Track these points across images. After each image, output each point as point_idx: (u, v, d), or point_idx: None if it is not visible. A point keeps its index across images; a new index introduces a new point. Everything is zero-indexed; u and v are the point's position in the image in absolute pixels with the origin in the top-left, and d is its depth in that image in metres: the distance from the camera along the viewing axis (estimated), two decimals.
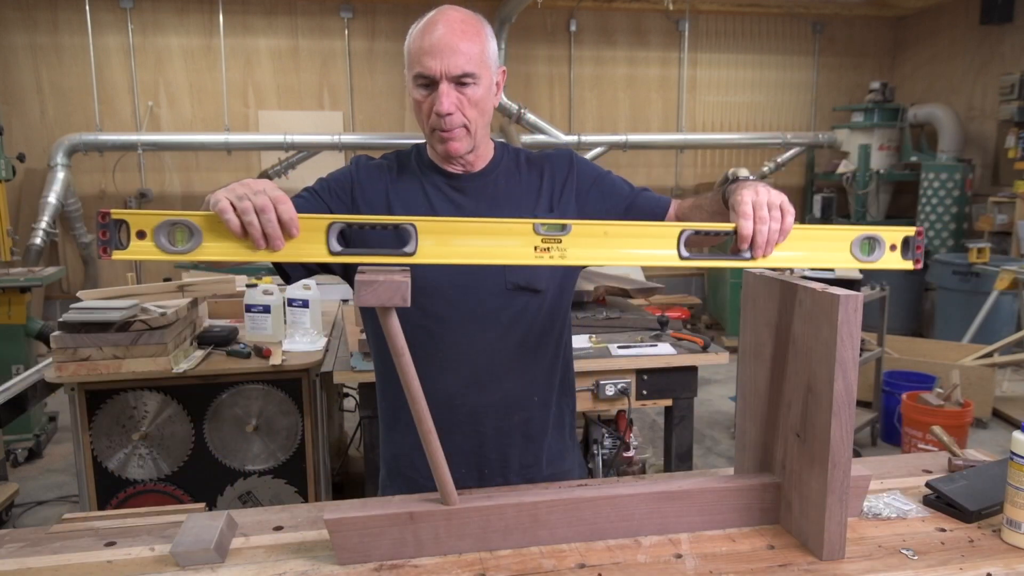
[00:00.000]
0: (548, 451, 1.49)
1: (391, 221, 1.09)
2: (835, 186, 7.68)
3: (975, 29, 6.96)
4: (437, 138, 1.35)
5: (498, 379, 1.41)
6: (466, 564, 1.13)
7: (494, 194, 1.41)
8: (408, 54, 1.32)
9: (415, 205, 1.39)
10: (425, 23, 1.30)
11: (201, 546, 1.14)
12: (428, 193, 1.41)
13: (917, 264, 1.21)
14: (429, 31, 1.28)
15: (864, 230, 1.19)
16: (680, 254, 1.14)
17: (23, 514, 3.48)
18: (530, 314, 1.41)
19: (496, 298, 1.38)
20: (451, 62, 1.27)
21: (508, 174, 1.44)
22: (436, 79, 1.28)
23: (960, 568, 1.11)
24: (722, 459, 4.17)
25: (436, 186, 1.41)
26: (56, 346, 2.42)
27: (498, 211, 1.38)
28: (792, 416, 1.18)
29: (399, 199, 1.40)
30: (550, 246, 1.09)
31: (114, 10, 6.56)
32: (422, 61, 1.28)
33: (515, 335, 1.40)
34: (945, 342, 5.27)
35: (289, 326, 2.82)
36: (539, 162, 1.48)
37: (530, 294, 1.40)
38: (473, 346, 1.39)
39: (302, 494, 2.73)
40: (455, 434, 1.39)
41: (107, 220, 0.99)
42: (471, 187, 1.41)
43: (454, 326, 1.38)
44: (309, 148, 6.55)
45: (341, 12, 6.92)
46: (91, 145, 6.25)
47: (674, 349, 2.56)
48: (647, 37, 7.54)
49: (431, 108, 1.31)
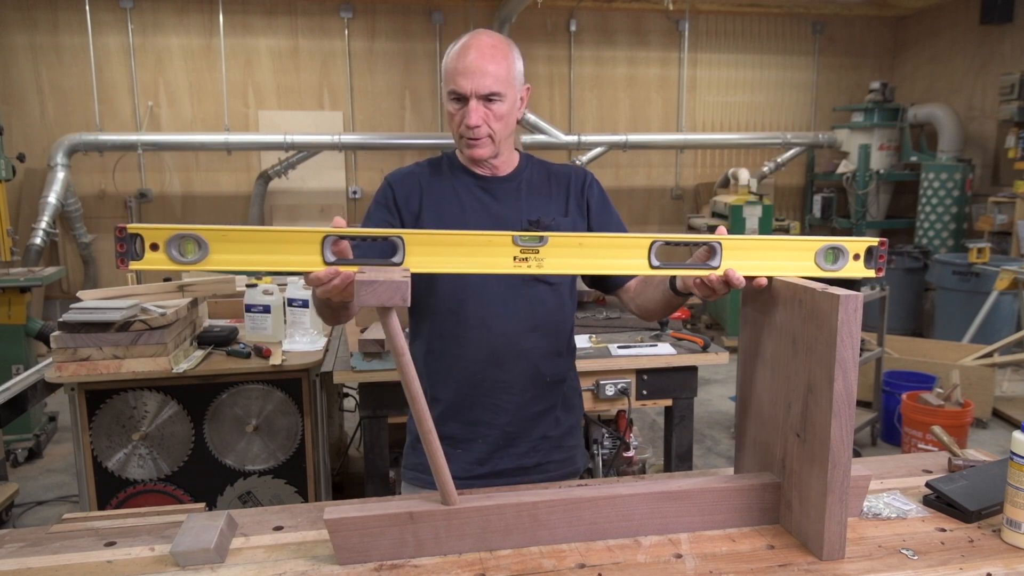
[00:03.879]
0: (559, 425, 1.67)
1: (381, 234, 1.16)
2: (835, 186, 7.68)
3: (975, 29, 6.96)
4: (465, 143, 1.54)
5: (515, 359, 1.58)
6: (466, 564, 1.13)
7: (517, 197, 1.60)
8: (445, 72, 1.52)
9: (446, 203, 1.58)
10: (461, 47, 1.50)
11: (201, 546, 1.14)
12: (458, 192, 1.59)
13: (879, 272, 1.28)
14: (463, 55, 1.48)
15: (828, 241, 1.26)
16: (651, 263, 1.23)
17: (23, 514, 3.48)
18: (546, 303, 1.59)
19: (513, 288, 1.56)
20: (480, 83, 1.47)
21: (532, 183, 1.63)
22: (467, 96, 1.49)
23: (960, 568, 1.11)
24: (722, 459, 4.17)
25: (466, 186, 1.60)
26: (56, 346, 2.42)
27: (521, 212, 1.58)
28: (792, 416, 1.18)
29: (431, 198, 1.59)
30: (528, 256, 1.19)
31: (114, 10, 6.56)
32: (455, 80, 1.48)
33: (531, 320, 1.58)
34: (945, 342, 5.27)
35: (289, 326, 2.82)
36: (565, 175, 1.67)
37: (545, 285, 1.59)
38: (492, 330, 1.56)
39: (302, 494, 2.73)
40: (477, 408, 1.59)
41: (124, 234, 1.09)
42: (498, 189, 1.60)
43: (476, 312, 1.56)
44: (309, 148, 6.55)
45: (341, 12, 6.92)
46: (91, 145, 6.24)
47: (674, 349, 2.56)
48: (647, 37, 7.54)
49: (462, 120, 1.51)
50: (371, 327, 2.60)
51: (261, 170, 6.74)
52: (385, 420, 2.39)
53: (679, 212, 7.81)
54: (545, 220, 1.58)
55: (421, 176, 1.61)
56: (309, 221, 6.99)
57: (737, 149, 7.74)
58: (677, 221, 7.78)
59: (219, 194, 6.98)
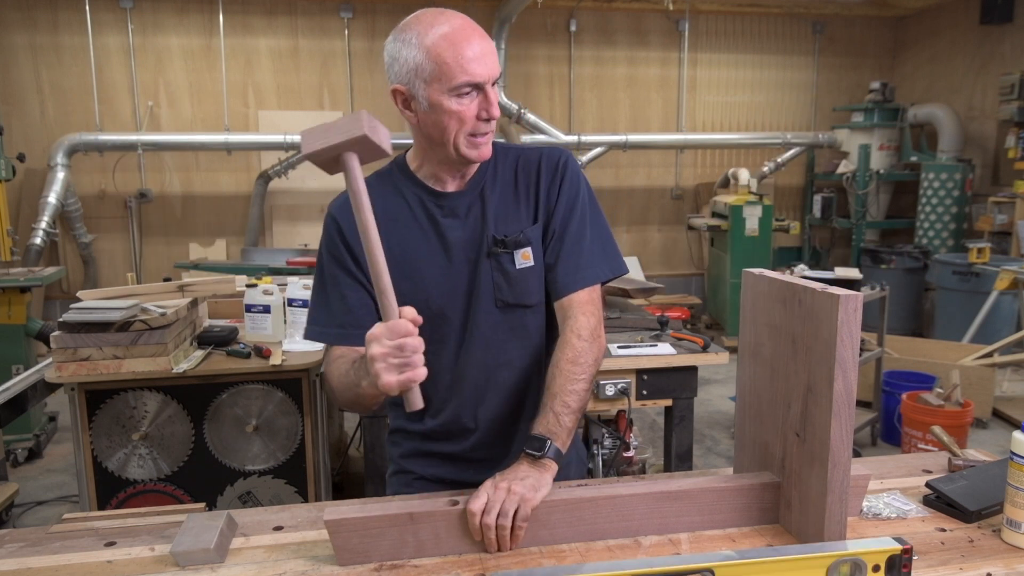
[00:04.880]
0: None
1: None
2: (835, 186, 7.68)
3: (975, 29, 6.96)
4: (472, 144, 1.32)
5: (502, 390, 1.44)
6: (466, 564, 1.13)
7: (481, 214, 1.40)
8: (444, 66, 1.24)
9: (403, 220, 1.40)
10: (450, 32, 1.25)
11: (201, 546, 1.14)
12: (413, 208, 1.40)
13: None
14: (464, 40, 1.25)
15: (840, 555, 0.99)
16: None
17: (23, 514, 3.48)
18: (528, 326, 1.44)
19: (483, 314, 1.40)
20: (492, 65, 1.28)
21: (496, 187, 1.42)
22: (483, 85, 1.28)
23: (960, 568, 1.11)
24: (722, 459, 4.17)
25: (421, 202, 1.40)
26: (56, 346, 2.42)
27: (487, 228, 1.39)
28: (792, 416, 1.18)
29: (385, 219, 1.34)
30: None
31: (114, 10, 6.56)
32: (470, 69, 1.25)
33: (514, 347, 1.43)
34: (945, 342, 5.27)
35: (289, 326, 2.82)
36: (534, 165, 1.44)
37: (523, 309, 1.42)
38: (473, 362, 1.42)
39: (302, 494, 2.73)
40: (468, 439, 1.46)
41: None
42: (460, 206, 1.40)
43: (454, 346, 1.42)
44: None
45: (341, 12, 6.92)
46: (91, 145, 6.24)
47: (674, 349, 2.56)
48: (647, 37, 7.54)
49: (475, 114, 1.29)
50: None
51: (261, 170, 6.74)
52: (385, 420, 2.39)
53: (679, 212, 7.81)
54: (512, 236, 1.38)
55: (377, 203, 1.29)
56: (309, 221, 7.00)
57: (737, 149, 7.74)
58: (677, 221, 7.78)
59: (219, 194, 6.98)
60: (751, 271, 1.29)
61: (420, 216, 1.40)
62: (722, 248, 6.84)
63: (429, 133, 1.33)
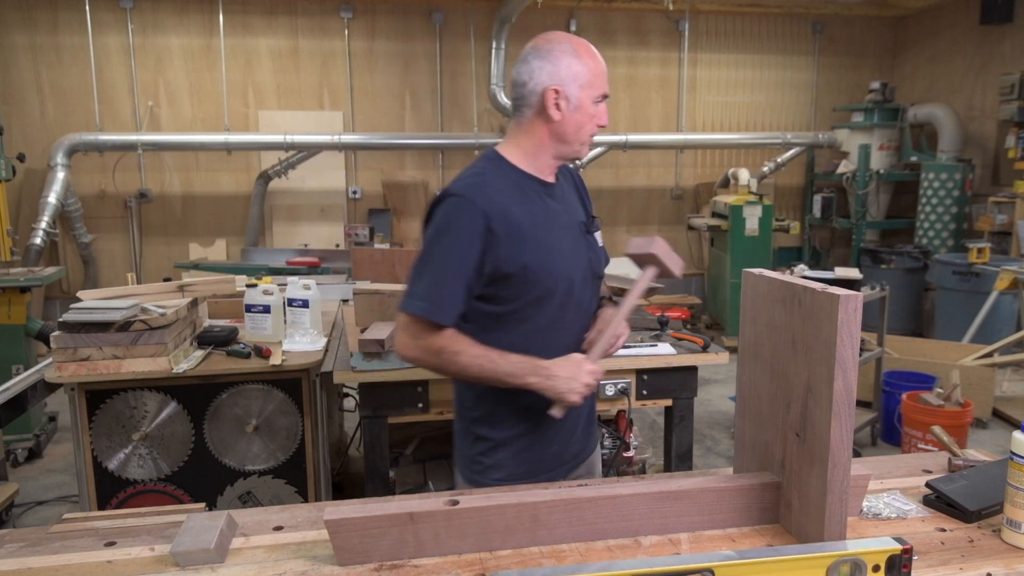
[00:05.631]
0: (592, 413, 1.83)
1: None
2: (835, 186, 7.68)
3: (975, 29, 6.96)
4: (587, 144, 1.62)
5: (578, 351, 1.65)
6: (466, 564, 1.13)
7: (565, 200, 1.66)
8: (591, 75, 1.56)
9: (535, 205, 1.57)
10: (587, 50, 1.57)
11: (201, 546, 1.14)
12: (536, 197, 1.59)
13: None
14: (596, 57, 1.58)
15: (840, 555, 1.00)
16: None
17: (23, 514, 3.48)
18: (596, 296, 1.70)
19: (589, 286, 1.65)
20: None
21: (561, 181, 1.68)
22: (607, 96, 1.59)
23: (960, 568, 1.11)
24: (722, 459, 4.17)
25: (538, 194, 1.59)
26: (56, 346, 2.42)
27: (569, 214, 1.65)
28: (792, 416, 1.18)
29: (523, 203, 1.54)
30: None
31: (114, 10, 6.56)
32: (603, 83, 1.58)
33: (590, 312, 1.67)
34: (945, 342, 5.27)
35: (289, 326, 2.82)
36: (567, 172, 1.74)
37: (598, 279, 1.69)
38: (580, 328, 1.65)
39: (302, 494, 2.73)
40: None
41: None
42: (560, 194, 1.64)
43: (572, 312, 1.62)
44: (309, 148, 6.55)
45: (341, 12, 6.91)
46: (91, 145, 6.25)
47: (674, 349, 2.56)
48: (647, 37, 7.54)
49: (600, 120, 1.60)
50: (371, 327, 2.60)
51: (261, 170, 6.74)
52: (385, 420, 2.39)
53: (679, 212, 7.81)
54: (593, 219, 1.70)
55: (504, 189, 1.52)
56: (309, 221, 7.00)
57: (737, 149, 7.74)
58: (677, 221, 7.78)
59: (219, 194, 6.99)
60: (751, 271, 1.29)
61: (544, 202, 1.59)
62: (722, 248, 6.84)
63: (564, 131, 1.57)
